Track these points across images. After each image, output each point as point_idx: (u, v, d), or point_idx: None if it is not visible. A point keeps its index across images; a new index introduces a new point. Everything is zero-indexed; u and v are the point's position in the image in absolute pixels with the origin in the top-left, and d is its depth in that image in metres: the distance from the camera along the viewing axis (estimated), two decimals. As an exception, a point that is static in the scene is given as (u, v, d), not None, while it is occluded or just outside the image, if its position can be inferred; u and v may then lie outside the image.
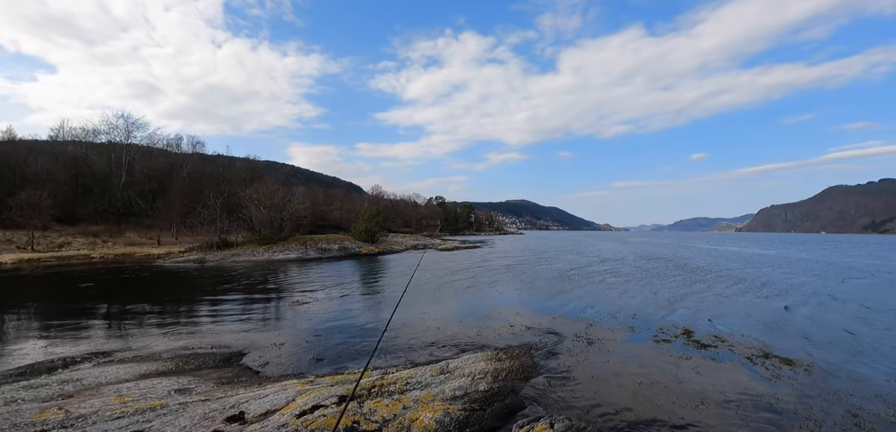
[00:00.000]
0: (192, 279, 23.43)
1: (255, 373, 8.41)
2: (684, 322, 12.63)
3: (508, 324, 12.38)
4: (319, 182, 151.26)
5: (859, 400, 6.97)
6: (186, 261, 32.39)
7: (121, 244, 43.59)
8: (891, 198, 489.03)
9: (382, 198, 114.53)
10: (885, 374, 8.26)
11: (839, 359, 9.15)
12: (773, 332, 11.50)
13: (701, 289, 19.51)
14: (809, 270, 28.71)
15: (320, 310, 14.43)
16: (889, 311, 14.58)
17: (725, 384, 7.58)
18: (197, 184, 57.66)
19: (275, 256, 36.13)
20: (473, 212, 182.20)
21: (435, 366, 7.93)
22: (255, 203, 43.79)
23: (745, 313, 14.16)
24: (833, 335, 11.34)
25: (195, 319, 13.29)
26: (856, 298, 17.28)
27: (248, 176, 67.64)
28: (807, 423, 6.12)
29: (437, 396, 6.44)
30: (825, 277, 24.75)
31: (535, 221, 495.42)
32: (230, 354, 9.55)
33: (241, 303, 15.89)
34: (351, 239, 48.55)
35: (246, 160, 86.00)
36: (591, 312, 14.02)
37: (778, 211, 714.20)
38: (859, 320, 13.22)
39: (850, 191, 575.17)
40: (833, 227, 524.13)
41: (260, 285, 20.89)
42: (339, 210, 78.42)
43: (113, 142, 57.33)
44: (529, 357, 9.04)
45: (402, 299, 16.80)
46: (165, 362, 8.91)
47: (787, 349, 9.85)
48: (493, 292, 18.75)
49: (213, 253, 36.31)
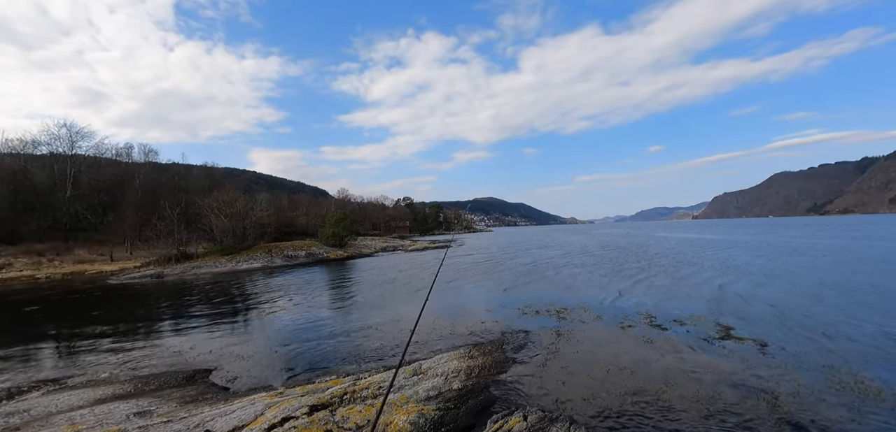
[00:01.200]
0: (149, 295, 22.30)
1: (222, 389, 8.12)
2: (646, 307, 13.17)
3: (480, 320, 12.51)
4: (283, 187, 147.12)
5: (805, 372, 7.48)
6: (143, 277, 30.78)
7: (69, 262, 40.90)
8: (829, 182, 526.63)
9: (349, 201, 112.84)
10: (826, 346, 8.90)
11: (785, 334, 9.79)
12: (725, 312, 12.17)
13: (659, 274, 20.41)
14: (753, 251, 30.55)
15: (289, 320, 14.08)
16: (822, 285, 15.70)
17: (687, 364, 7.96)
18: (151, 194, 54.83)
19: (239, 266, 34.93)
20: (442, 212, 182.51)
21: (408, 368, 7.91)
22: (215, 212, 42.14)
23: (699, 295, 14.95)
24: (776, 311, 12.10)
25: (155, 337, 12.66)
26: (793, 275, 18.52)
27: (207, 184, 64.98)
28: (763, 396, 6.52)
29: (411, 398, 6.43)
30: (766, 257, 26.39)
31: (503, 218, 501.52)
32: (194, 371, 9.17)
33: (204, 318, 15.27)
34: (318, 244, 47.58)
35: (204, 167, 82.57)
36: (560, 303, 14.36)
37: (730, 198, 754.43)
38: (798, 295, 14.18)
39: (794, 176, 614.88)
40: (780, 211, 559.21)
41: (224, 297, 20.15)
42: (304, 215, 76.54)
43: (55, 153, 53.56)
44: (501, 352, 9.16)
45: (376, 300, 16.70)
46: (123, 385, 8.45)
47: (740, 327, 10.45)
48: (464, 290, 18.87)
49: (171, 266, 34.67)
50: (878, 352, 8.34)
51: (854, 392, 6.62)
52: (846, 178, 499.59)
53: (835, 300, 13.29)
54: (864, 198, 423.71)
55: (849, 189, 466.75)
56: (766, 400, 6.35)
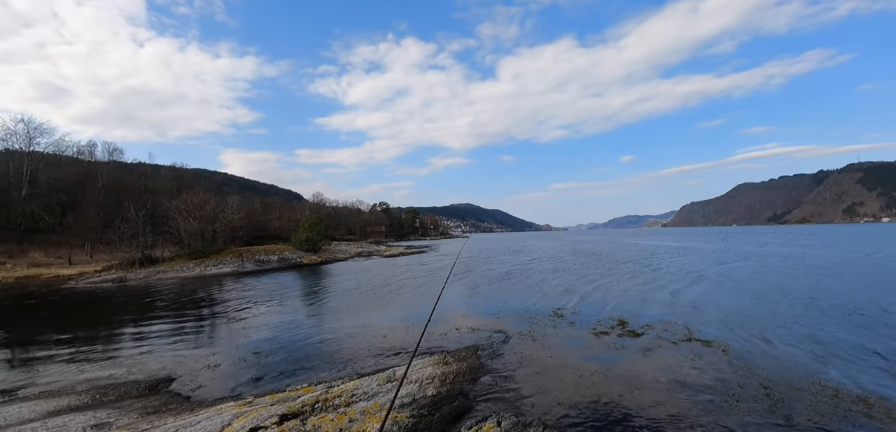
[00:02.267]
0: (111, 300, 21.31)
1: (186, 399, 7.82)
2: (619, 313, 13.47)
3: (455, 326, 12.51)
4: (256, 190, 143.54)
5: (768, 373, 7.80)
6: (104, 281, 29.38)
7: (23, 265, 38.64)
8: (788, 193, 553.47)
9: (324, 205, 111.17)
10: (787, 349, 9.32)
11: (748, 337, 10.19)
12: (693, 316, 12.57)
13: (628, 279, 20.94)
14: (715, 259, 31.77)
15: (259, 326, 13.71)
16: (782, 291, 16.46)
17: (657, 369, 8.18)
18: (115, 195, 52.45)
19: (207, 271, 33.81)
20: (418, 218, 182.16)
21: (382, 375, 7.82)
22: (183, 214, 40.73)
23: (668, 301, 15.40)
24: (738, 315, 12.59)
25: (115, 345, 12.09)
26: (756, 281, 19.34)
27: (175, 185, 62.85)
28: (728, 399, 6.76)
29: (384, 406, 6.36)
30: (728, 264, 27.49)
31: (479, 224, 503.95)
32: (157, 381, 8.80)
33: (169, 324, 14.70)
34: (291, 249, 46.60)
35: (172, 168, 79.83)
36: (534, 309, 14.53)
37: (697, 207, 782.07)
38: (759, 300, 14.81)
39: (756, 187, 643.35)
40: (743, 220, 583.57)
41: (191, 303, 19.46)
42: (278, 219, 74.90)
43: (11, 149, 50.64)
44: (476, 358, 9.19)
45: (350, 306, 16.45)
46: (80, 396, 8.03)
47: (707, 332, 10.81)
48: (438, 295, 18.82)
49: (135, 270, 33.26)
50: (810, 351, 8.79)
51: (796, 389, 6.96)
52: (803, 190, 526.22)
53: (787, 307, 13.91)
54: (820, 209, 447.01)
55: (806, 200, 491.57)
56: (726, 396, 6.60)
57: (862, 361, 8.46)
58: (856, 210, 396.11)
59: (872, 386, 7.19)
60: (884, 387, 7.14)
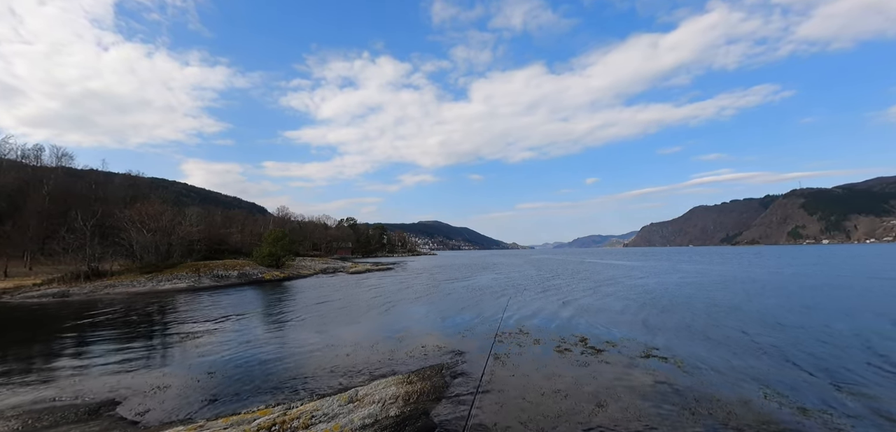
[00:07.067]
0: (49, 317, 19.81)
1: (132, 424, 7.33)
2: (581, 330, 13.73)
3: (420, 345, 12.37)
4: (218, 202, 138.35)
5: (719, 386, 8.13)
6: (43, 296, 27.32)
7: (-51, 278, 35.39)
8: (739, 216, 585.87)
9: (290, 219, 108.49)
10: (737, 363, 9.75)
11: (699, 352, 10.60)
12: (649, 333, 12.98)
13: (589, 295, 21.42)
14: (669, 277, 33.14)
15: (215, 344, 13.09)
16: (736, 310, 17.30)
17: (618, 385, 8.35)
18: (61, 203, 49.26)
19: (160, 286, 32.10)
20: (386, 234, 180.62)
21: (343, 395, 7.61)
22: (136, 225, 38.66)
23: (629, 320, 15.79)
24: (691, 331, 13.11)
25: (52, 365, 11.20)
26: (706, 299, 20.24)
27: (130, 194, 59.83)
28: (684, 413, 6.98)
29: (344, 427, 6.18)
30: (682, 283, 28.71)
31: (447, 241, 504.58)
32: (98, 404, 8.20)
33: (114, 342, 13.80)
34: (253, 264, 45.03)
35: (127, 176, 75.89)
36: (500, 327, 14.57)
37: (656, 228, 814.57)
38: (710, 317, 15.49)
39: (710, 210, 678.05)
40: (698, 241, 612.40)
41: (141, 320, 18.38)
42: (239, 232, 72.32)
43: (-58, 152, 46.82)
44: (441, 377, 9.10)
45: (314, 324, 15.98)
46: (9, 422, 7.37)
47: (662, 347, 11.17)
48: (405, 313, 18.64)
49: (80, 284, 31.11)
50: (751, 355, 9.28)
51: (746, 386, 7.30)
52: (752, 213, 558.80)
53: (733, 320, 14.62)
54: (767, 231, 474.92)
55: (755, 222, 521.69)
56: (682, 407, 6.82)
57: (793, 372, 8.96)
58: (799, 232, 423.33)
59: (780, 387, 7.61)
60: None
